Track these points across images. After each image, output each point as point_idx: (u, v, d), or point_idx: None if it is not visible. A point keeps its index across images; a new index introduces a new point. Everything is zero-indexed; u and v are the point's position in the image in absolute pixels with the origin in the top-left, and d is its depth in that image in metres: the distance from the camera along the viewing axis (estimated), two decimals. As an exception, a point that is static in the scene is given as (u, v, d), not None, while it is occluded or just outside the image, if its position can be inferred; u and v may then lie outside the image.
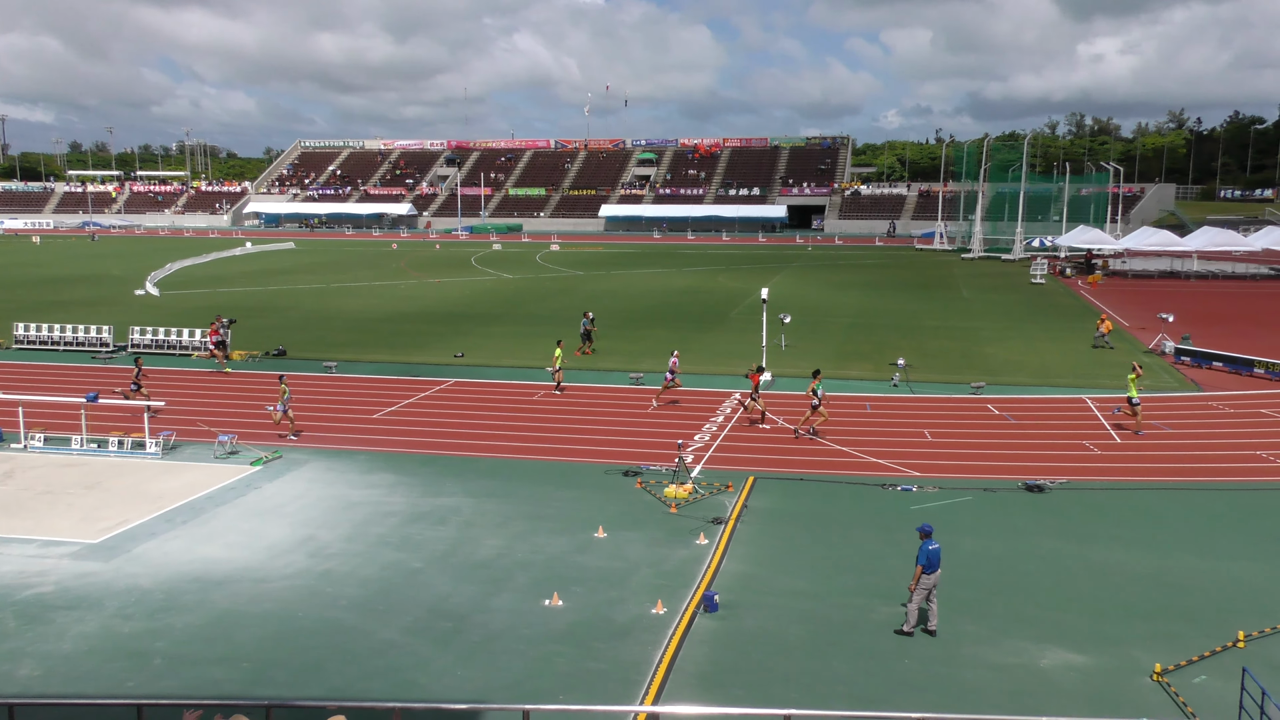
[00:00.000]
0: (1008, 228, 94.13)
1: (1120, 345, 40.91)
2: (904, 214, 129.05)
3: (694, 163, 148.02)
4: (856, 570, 17.64)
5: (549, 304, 55.68)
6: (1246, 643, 14.62)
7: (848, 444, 25.94)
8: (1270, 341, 40.48)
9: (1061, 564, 17.93)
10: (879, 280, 68.79)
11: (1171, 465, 24.03)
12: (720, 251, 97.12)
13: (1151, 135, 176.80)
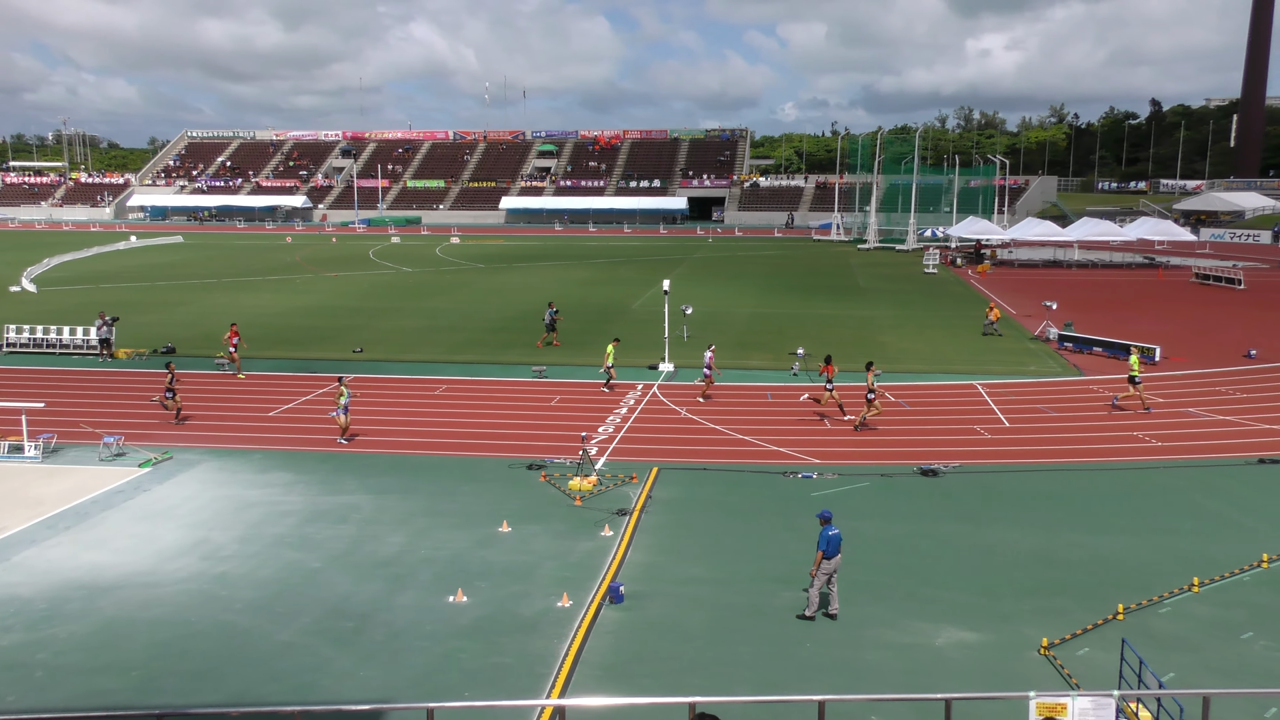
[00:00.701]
0: (901, 219, 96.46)
1: (1008, 332, 42.33)
2: (802, 206, 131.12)
3: (594, 155, 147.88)
4: (759, 557, 17.89)
5: (451, 298, 55.01)
6: (1126, 615, 15.31)
7: (749, 433, 26.28)
8: (1144, 326, 42.39)
9: (955, 545, 18.50)
10: (778, 271, 69.79)
11: (1055, 447, 24.99)
12: (622, 243, 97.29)
13: (1035, 129, 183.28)
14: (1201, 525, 19.50)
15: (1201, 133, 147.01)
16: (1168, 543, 18.54)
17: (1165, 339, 37.98)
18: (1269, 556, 17.55)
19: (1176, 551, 18.06)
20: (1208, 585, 16.47)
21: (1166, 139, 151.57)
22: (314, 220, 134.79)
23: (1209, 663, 13.88)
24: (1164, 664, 13.53)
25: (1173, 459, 23.90)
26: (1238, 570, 17.10)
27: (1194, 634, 14.81)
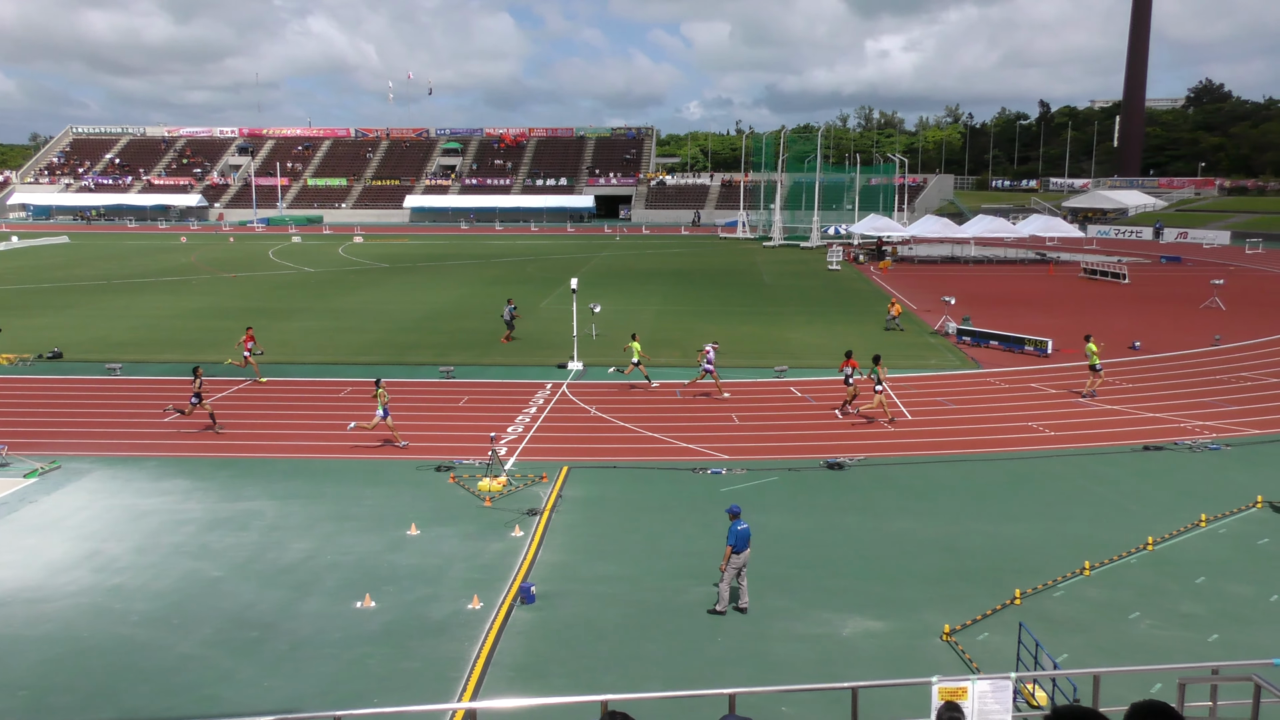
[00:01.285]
0: (805, 216, 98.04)
1: (910, 327, 43.38)
2: (708, 204, 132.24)
3: (500, 152, 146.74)
4: (669, 554, 18.00)
5: (355, 298, 53.99)
6: (1022, 599, 15.85)
7: (659, 430, 26.41)
8: (1038, 320, 43.91)
9: (860, 537, 18.89)
10: (686, 268, 70.28)
11: (955, 438, 25.71)
12: (529, 242, 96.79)
13: (932, 129, 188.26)
14: (1091, 511, 20.28)
15: (1087, 133, 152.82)
16: (1060, 529, 19.24)
17: (1056, 332, 39.38)
18: (1153, 539, 18.35)
19: (1068, 537, 18.75)
20: (1098, 568, 17.15)
21: (1055, 139, 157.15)
22: (210, 220, 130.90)
23: (1099, 642, 14.45)
24: (1058, 645, 14.05)
25: (1065, 448, 24.80)
26: (1125, 553, 17.84)
27: (1085, 615, 15.40)
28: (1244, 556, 17.80)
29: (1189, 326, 42.77)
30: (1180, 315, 46.36)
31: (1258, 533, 18.92)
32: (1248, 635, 14.65)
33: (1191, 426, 26.53)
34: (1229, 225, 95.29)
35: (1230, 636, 14.62)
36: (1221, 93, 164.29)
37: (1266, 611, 15.54)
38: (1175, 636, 14.70)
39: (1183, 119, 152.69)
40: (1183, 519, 19.53)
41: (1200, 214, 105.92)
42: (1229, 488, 21.49)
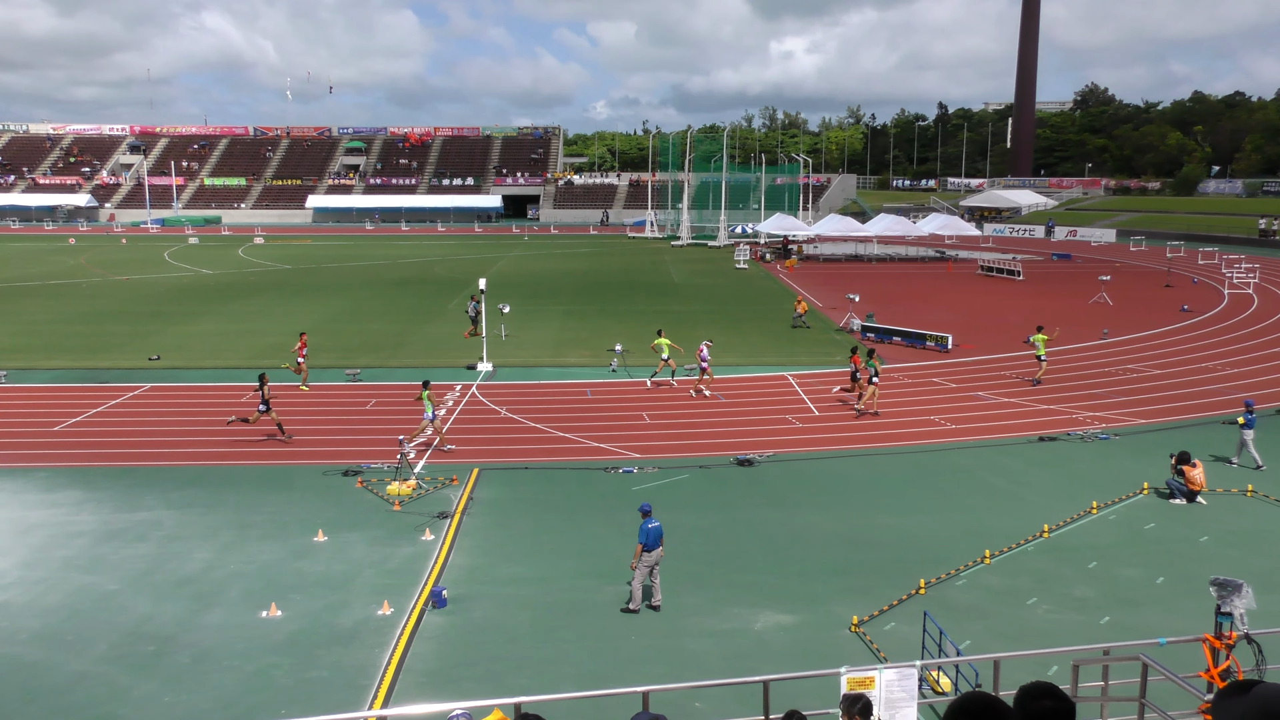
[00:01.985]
0: (712, 215, 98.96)
1: (815, 324, 44.10)
2: (616, 203, 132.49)
3: (405, 152, 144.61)
4: (582, 554, 17.98)
5: (256, 301, 52.61)
6: (927, 589, 16.26)
7: (570, 430, 26.36)
8: (938, 316, 45.08)
9: (770, 531, 19.14)
10: (594, 268, 70.28)
11: (861, 433, 26.24)
12: (436, 242, 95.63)
13: (835, 130, 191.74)
14: (991, 501, 20.92)
15: (982, 135, 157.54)
16: (962, 519, 19.79)
17: (956, 328, 40.49)
18: (1049, 527, 19.01)
19: (970, 527, 19.29)
20: (998, 557, 17.69)
21: (952, 140, 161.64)
22: (101, 220, 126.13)
23: (999, 629, 14.91)
24: (961, 632, 14.44)
25: (965, 441, 25.52)
26: (1022, 541, 18.44)
27: (986, 603, 15.88)
28: (1132, 541, 18.56)
29: (1079, 321, 44.39)
30: (1071, 310, 48.09)
31: (1144, 518, 19.75)
32: (1136, 616, 15.28)
33: (1082, 418, 27.55)
34: (1114, 224, 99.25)
35: (1120, 618, 15.23)
36: (1105, 96, 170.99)
37: (1153, 593, 16.23)
38: (1070, 620, 15.25)
39: (1070, 121, 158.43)
40: (1076, 507, 20.27)
41: (1088, 213, 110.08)
42: (1118, 475, 22.38)
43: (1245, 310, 47.05)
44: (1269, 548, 18.23)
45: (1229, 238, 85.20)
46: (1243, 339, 39.68)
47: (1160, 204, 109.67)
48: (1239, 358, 35.77)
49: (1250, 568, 16.85)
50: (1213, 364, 34.53)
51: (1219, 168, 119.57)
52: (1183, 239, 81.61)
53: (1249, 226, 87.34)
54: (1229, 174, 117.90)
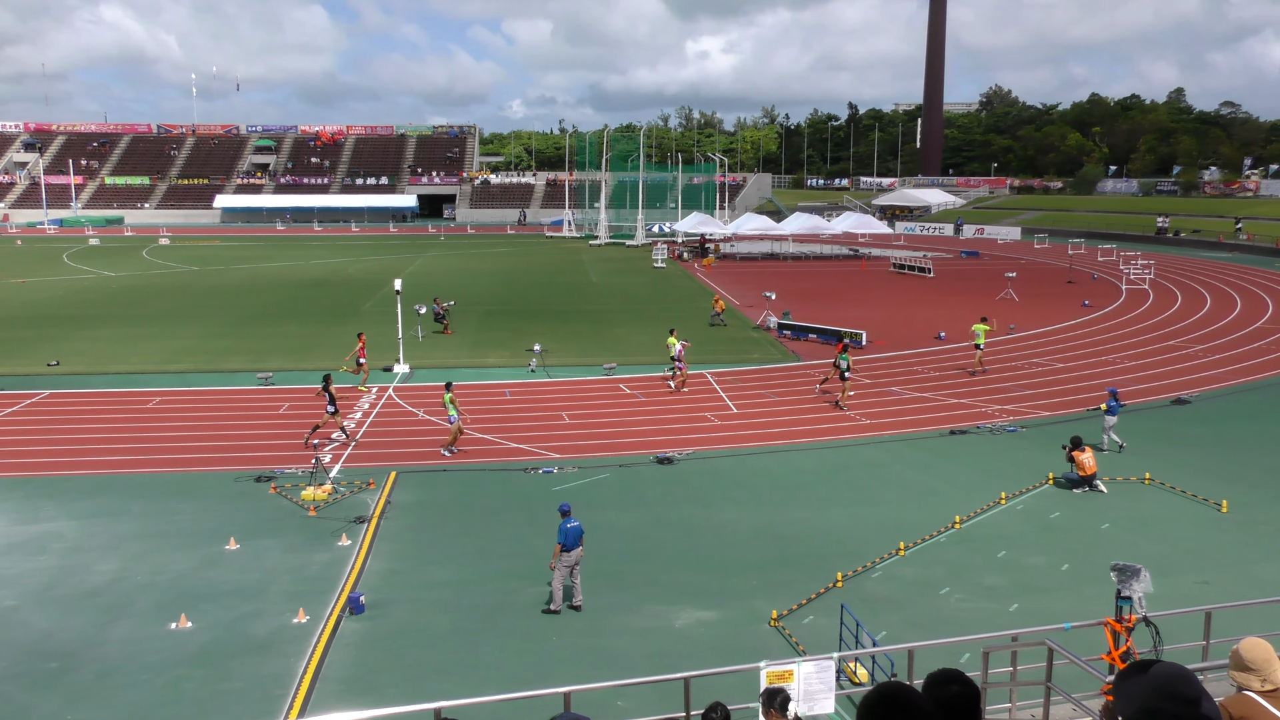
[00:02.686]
0: (630, 215, 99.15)
1: (733, 322, 44.52)
2: (533, 203, 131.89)
3: (317, 151, 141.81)
4: (503, 555, 17.89)
5: (161, 304, 51.06)
6: (844, 582, 16.55)
7: (490, 431, 26.18)
8: (852, 313, 45.87)
9: (690, 529, 19.28)
10: (512, 268, 69.90)
11: (778, 430, 26.59)
12: (350, 243, 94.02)
13: (750, 129, 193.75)
14: (905, 494, 21.39)
15: (892, 134, 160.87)
16: (877, 512, 20.20)
17: (869, 324, 41.27)
18: (960, 518, 19.51)
19: (885, 519, 19.70)
20: (911, 548, 18.10)
21: (864, 140, 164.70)
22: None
23: (914, 619, 15.26)
24: (877, 624, 14.74)
25: (879, 435, 26.04)
26: (935, 533, 18.89)
27: (901, 594, 16.23)
28: (1038, 530, 19.16)
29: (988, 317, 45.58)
30: (979, 307, 49.34)
31: (1049, 507, 20.41)
32: (1043, 603, 15.78)
33: (991, 411, 28.33)
34: (1019, 222, 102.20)
35: (1028, 605, 15.71)
36: (1010, 98, 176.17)
37: (1058, 580, 16.79)
38: (981, 608, 15.68)
39: (977, 122, 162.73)
40: (985, 498, 20.84)
41: (994, 211, 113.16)
42: (1024, 467, 23.07)
43: (1141, 305, 48.90)
44: (1165, 533, 18.99)
45: (1126, 235, 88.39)
46: (1139, 333, 41.23)
47: (1061, 203, 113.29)
48: (1135, 350, 37.15)
49: (1148, 553, 17.52)
50: (1114, 356, 35.80)
51: (1116, 168, 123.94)
52: (1083, 237, 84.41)
53: (1145, 224, 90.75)
54: (1125, 174, 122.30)
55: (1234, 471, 22.72)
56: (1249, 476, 22.39)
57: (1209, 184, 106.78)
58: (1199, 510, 20.20)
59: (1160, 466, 22.86)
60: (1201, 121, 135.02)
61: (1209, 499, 20.61)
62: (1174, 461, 23.45)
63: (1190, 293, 53.30)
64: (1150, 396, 30.05)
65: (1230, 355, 36.18)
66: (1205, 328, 42.16)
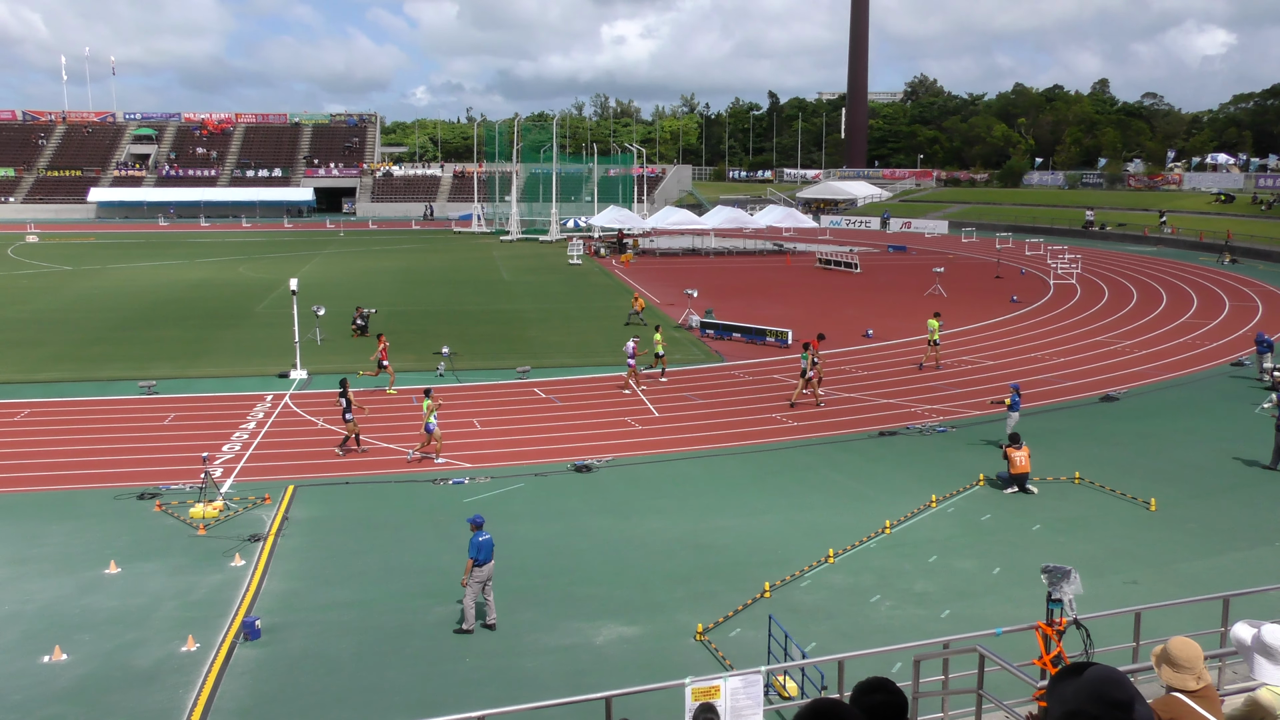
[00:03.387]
0: (543, 209, 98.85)
1: (653, 322, 44.65)
2: (440, 196, 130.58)
3: (203, 140, 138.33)
4: (410, 572, 17.67)
5: (29, 306, 49.24)
6: (771, 592, 16.73)
7: (395, 440, 25.84)
8: (778, 311, 46.43)
9: (610, 540, 19.29)
10: (418, 266, 69.15)
11: (701, 434, 26.77)
12: (241, 239, 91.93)
13: (669, 118, 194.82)
14: (833, 499, 21.71)
15: (816, 125, 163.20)
16: (805, 518, 20.46)
17: (795, 323, 41.80)
18: (890, 522, 19.88)
19: (813, 525, 19.97)
20: (841, 555, 18.37)
21: (787, 130, 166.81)
22: None
23: (844, 628, 15.50)
24: (806, 634, 14.92)
25: (806, 438, 26.38)
26: (865, 538, 19.21)
27: (831, 603, 16.47)
28: (969, 533, 19.62)
29: (916, 313, 46.54)
30: (907, 303, 50.40)
31: (980, 509, 20.92)
32: (975, 608, 16.16)
33: (921, 411, 28.93)
34: (946, 215, 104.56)
35: (959, 610, 16.08)
36: (935, 88, 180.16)
37: (989, 584, 17.21)
38: (912, 615, 15.99)
39: (901, 112, 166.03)
40: (915, 501, 21.26)
41: (921, 204, 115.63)
42: (954, 468, 23.62)
43: (1069, 300, 50.45)
44: (1095, 533, 19.61)
45: (1053, 229, 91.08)
46: (1067, 329, 42.53)
47: (988, 195, 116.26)
48: (1064, 347, 38.31)
49: (1078, 553, 18.08)
50: (1043, 353, 36.85)
51: (1041, 160, 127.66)
52: (1010, 230, 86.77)
53: (1072, 217, 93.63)
54: (1051, 166, 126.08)
55: (1162, 469, 23.59)
56: (1176, 474, 23.26)
57: (1133, 176, 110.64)
58: (1128, 509, 20.91)
59: (1089, 465, 23.60)
60: (1125, 113, 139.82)
61: (1138, 497, 21.35)
62: (1103, 459, 24.23)
63: (1117, 287, 55.18)
64: (1079, 394, 31.02)
65: (1157, 351, 37.55)
66: (1132, 323, 43.68)
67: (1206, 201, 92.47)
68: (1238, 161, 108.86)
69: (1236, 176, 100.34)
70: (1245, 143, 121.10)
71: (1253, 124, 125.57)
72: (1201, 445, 25.55)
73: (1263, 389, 30.70)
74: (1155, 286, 55.64)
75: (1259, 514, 20.50)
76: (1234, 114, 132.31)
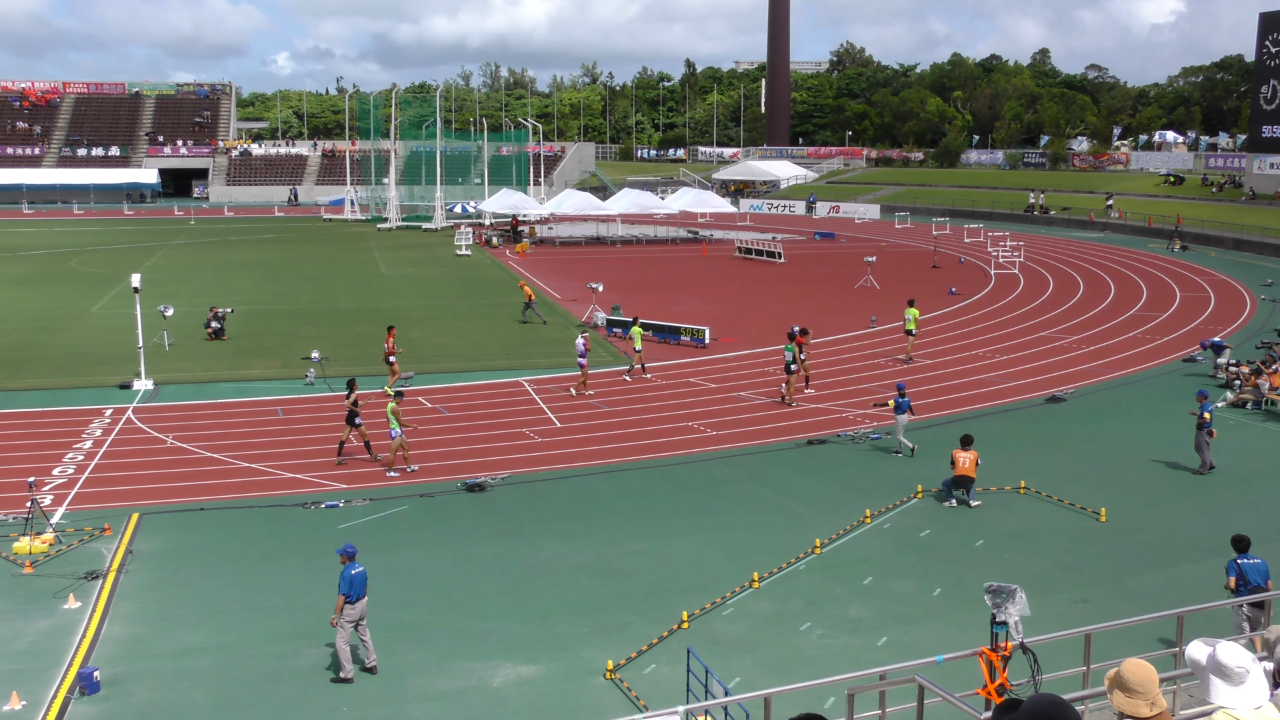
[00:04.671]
0: (426, 193, 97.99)
1: (554, 320, 44.59)
2: (307, 178, 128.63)
3: (24, 113, 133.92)
4: (276, 611, 17.38)
5: None
6: (690, 622, 16.85)
7: (258, 459, 25.39)
8: (693, 306, 46.77)
9: (506, 568, 19.22)
10: (282, 258, 68.04)
11: (609, 445, 26.83)
12: (72, 228, 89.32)
13: (568, 90, 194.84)
14: (756, 516, 21.96)
15: (733, 98, 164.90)
16: (726, 538, 20.65)
17: (713, 319, 42.15)
18: (820, 541, 20.19)
19: (734, 547, 20.17)
20: (767, 579, 18.59)
21: (701, 103, 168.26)
22: None
23: (770, 660, 15.70)
24: (729, 669, 15.06)
25: (727, 448, 26.64)
26: (793, 560, 19.48)
27: (755, 633, 16.65)
28: (907, 551, 20.03)
29: (845, 308, 47.38)
30: (836, 296, 51.24)
31: (919, 524, 21.37)
32: (914, 634, 16.50)
33: (852, 416, 29.43)
34: (878, 198, 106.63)
35: (897, 637, 16.41)
36: (864, 57, 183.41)
37: (929, 607, 17.60)
38: (845, 644, 16.27)
39: (828, 84, 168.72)
40: (848, 517, 21.62)
41: (850, 186, 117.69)
42: (891, 479, 24.09)
43: (1012, 292, 51.85)
44: (1042, 547, 20.20)
45: (993, 213, 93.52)
46: (1010, 323, 43.71)
47: (923, 176, 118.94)
48: (1007, 344, 39.35)
49: (1024, 570, 18.59)
50: (984, 350, 37.80)
51: (979, 137, 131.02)
52: (948, 215, 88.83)
53: (1013, 200, 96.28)
54: (990, 144, 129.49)
55: (1112, 476, 24.39)
56: (1127, 481, 24.08)
57: (1078, 156, 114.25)
58: (1076, 520, 21.58)
59: (1035, 473, 24.27)
60: (1068, 86, 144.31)
61: (1087, 507, 22.04)
62: (1050, 466, 24.96)
63: (1062, 278, 56.91)
64: (1023, 394, 31.90)
65: (1105, 347, 38.81)
66: (1078, 316, 45.08)
67: (1155, 183, 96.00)
68: (1186, 140, 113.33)
69: (1185, 156, 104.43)
70: (1194, 119, 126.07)
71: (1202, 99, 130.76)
72: (1153, 449, 26.46)
73: (1218, 386, 31.93)
74: (1103, 276, 57.53)
75: (1214, 522, 21.29)
76: (1182, 88, 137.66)
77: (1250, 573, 15.08)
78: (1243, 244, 70.62)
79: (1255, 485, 24.00)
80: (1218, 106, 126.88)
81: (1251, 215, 76.19)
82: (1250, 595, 14.51)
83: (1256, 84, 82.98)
